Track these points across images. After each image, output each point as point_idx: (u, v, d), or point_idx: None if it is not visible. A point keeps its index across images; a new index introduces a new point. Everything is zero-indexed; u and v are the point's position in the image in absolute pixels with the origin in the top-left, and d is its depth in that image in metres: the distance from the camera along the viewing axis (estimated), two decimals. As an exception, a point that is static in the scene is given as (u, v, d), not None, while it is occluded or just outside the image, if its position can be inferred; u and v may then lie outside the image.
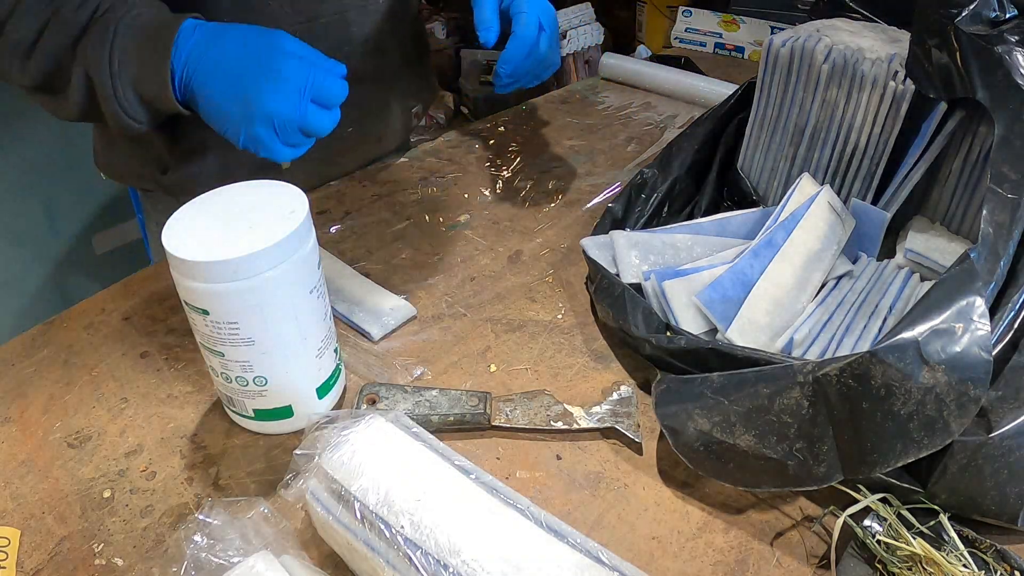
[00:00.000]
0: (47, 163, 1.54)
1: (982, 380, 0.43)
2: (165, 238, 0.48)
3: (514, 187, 0.87)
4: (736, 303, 0.59)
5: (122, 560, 0.48)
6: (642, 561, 0.48)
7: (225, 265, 0.46)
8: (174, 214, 0.50)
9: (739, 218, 0.70)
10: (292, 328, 0.51)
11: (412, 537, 0.40)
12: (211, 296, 0.47)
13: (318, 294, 0.53)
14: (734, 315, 0.59)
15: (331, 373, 0.56)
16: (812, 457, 0.46)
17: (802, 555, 0.48)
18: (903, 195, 0.65)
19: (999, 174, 0.53)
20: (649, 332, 0.58)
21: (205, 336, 0.50)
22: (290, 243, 0.48)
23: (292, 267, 0.49)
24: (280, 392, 0.53)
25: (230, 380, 0.52)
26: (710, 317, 0.59)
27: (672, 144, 0.78)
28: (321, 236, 0.78)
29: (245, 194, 0.52)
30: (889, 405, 0.44)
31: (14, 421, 0.58)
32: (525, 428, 0.56)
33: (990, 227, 0.51)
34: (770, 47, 0.70)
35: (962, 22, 0.60)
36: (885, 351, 0.44)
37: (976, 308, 0.45)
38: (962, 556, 0.45)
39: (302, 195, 0.52)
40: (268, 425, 0.55)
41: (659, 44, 2.08)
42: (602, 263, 0.65)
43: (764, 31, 1.27)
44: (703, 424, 0.50)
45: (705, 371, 0.53)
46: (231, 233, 0.48)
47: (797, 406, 0.47)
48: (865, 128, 0.66)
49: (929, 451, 0.44)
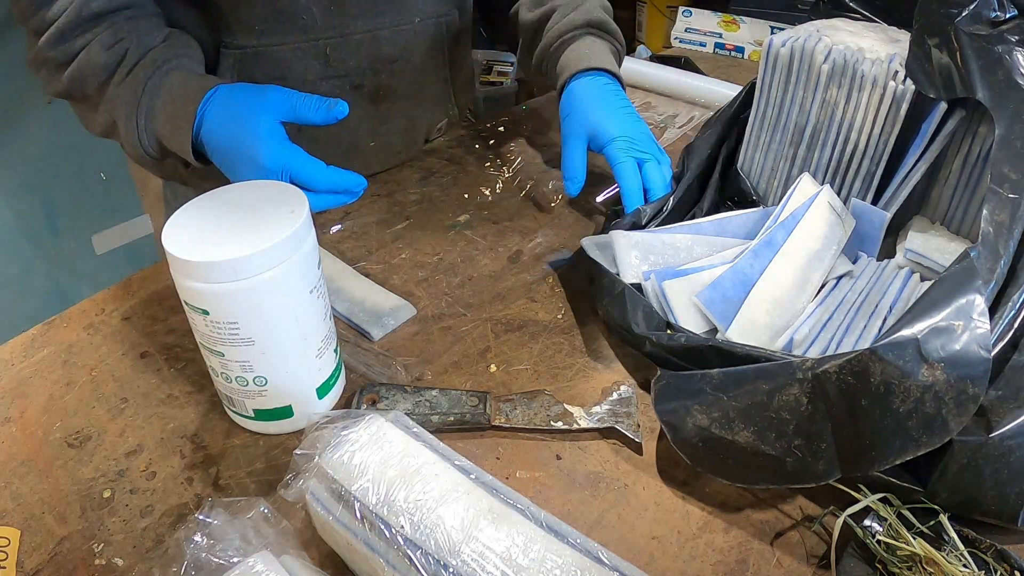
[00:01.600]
0: (47, 163, 1.54)
1: (981, 378, 0.43)
2: (165, 238, 0.48)
3: (514, 187, 0.87)
4: (736, 303, 0.59)
5: (122, 560, 0.48)
6: (642, 561, 0.48)
7: (225, 265, 0.46)
8: (174, 214, 0.50)
9: (739, 218, 0.70)
10: (292, 328, 0.51)
11: (412, 537, 0.40)
12: (211, 296, 0.47)
13: (318, 294, 0.53)
14: (734, 315, 0.59)
15: (331, 373, 0.56)
16: (811, 454, 0.47)
17: (802, 555, 0.48)
18: (903, 195, 0.65)
19: (999, 174, 0.53)
20: (649, 330, 0.58)
21: (205, 336, 0.50)
22: (290, 243, 0.48)
23: (292, 267, 0.49)
24: (280, 392, 0.53)
25: (230, 380, 0.52)
26: (710, 317, 0.59)
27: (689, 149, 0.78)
28: (321, 236, 0.78)
29: (245, 194, 0.52)
30: (888, 403, 0.44)
31: (14, 421, 0.58)
32: (525, 428, 0.56)
33: (990, 226, 0.51)
34: (770, 47, 0.70)
35: (962, 22, 0.60)
36: (884, 348, 0.44)
37: (976, 306, 0.45)
38: (962, 556, 0.45)
39: (302, 195, 0.52)
40: (268, 425, 0.55)
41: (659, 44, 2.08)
42: (602, 263, 0.65)
43: (764, 31, 1.27)
44: (702, 420, 0.50)
45: (705, 369, 0.53)
46: (231, 233, 0.48)
47: (796, 403, 0.47)
48: (865, 128, 0.66)
49: (927, 449, 0.44)
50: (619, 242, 0.66)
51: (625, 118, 0.78)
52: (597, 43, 0.85)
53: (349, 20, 0.77)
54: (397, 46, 0.82)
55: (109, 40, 0.65)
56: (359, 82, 0.82)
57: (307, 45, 0.77)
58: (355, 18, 0.78)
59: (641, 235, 0.67)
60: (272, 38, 0.76)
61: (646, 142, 0.77)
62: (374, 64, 0.82)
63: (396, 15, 0.80)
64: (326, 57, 0.78)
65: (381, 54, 0.81)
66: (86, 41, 0.65)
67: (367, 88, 0.83)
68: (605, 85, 0.81)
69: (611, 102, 0.79)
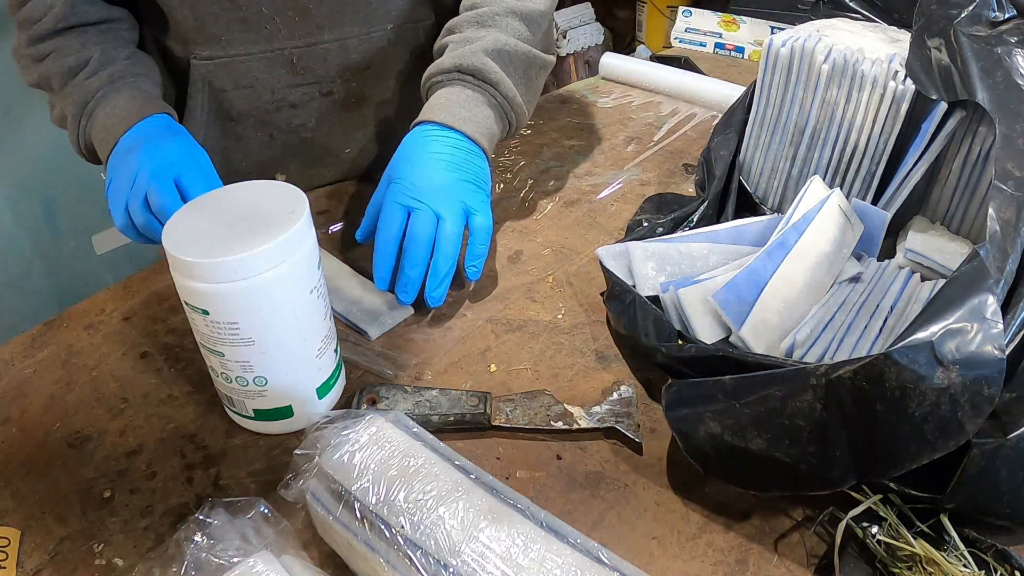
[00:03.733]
0: (47, 163, 1.54)
1: (996, 379, 0.42)
2: (165, 239, 0.48)
3: (514, 187, 0.87)
4: (750, 304, 0.59)
5: (122, 560, 0.48)
6: (642, 561, 0.48)
7: (225, 265, 0.46)
8: (175, 213, 0.50)
9: (755, 225, 0.69)
10: (292, 328, 0.51)
11: (412, 537, 0.40)
12: (211, 296, 0.47)
13: (318, 294, 0.52)
14: (748, 315, 0.59)
15: (331, 373, 0.56)
16: (825, 461, 0.46)
17: (802, 555, 0.48)
18: (903, 195, 0.65)
19: (1003, 171, 0.52)
20: (660, 341, 0.58)
21: (205, 336, 0.50)
22: (290, 243, 0.48)
23: (292, 267, 0.49)
24: (280, 392, 0.53)
25: (230, 380, 0.52)
26: (724, 317, 0.59)
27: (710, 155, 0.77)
28: (321, 236, 0.78)
29: (245, 194, 0.52)
30: (903, 407, 0.43)
31: (14, 421, 0.58)
32: (525, 428, 0.56)
33: (997, 224, 0.50)
34: (770, 47, 0.70)
35: (961, 23, 0.60)
36: (899, 352, 0.43)
37: (988, 306, 0.44)
38: (963, 556, 0.45)
39: (302, 195, 0.52)
40: (268, 425, 0.55)
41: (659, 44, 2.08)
42: (618, 274, 0.64)
43: (764, 31, 1.27)
44: (714, 428, 0.49)
45: (717, 378, 0.53)
46: (231, 233, 0.48)
47: (810, 409, 0.46)
48: (865, 128, 0.66)
49: (943, 452, 0.43)
50: (635, 253, 0.66)
51: (424, 165, 0.66)
52: (461, 93, 0.71)
53: (315, 29, 0.76)
54: (367, 53, 0.80)
55: (77, 47, 0.71)
56: (329, 89, 0.81)
57: (273, 54, 0.76)
58: (321, 27, 0.76)
59: (657, 245, 0.66)
60: (238, 48, 0.75)
61: (433, 193, 0.65)
62: (344, 72, 0.80)
63: (365, 24, 0.78)
64: (292, 65, 0.78)
65: (350, 62, 0.80)
66: (57, 46, 0.72)
67: (338, 95, 0.82)
68: (430, 133, 0.69)
69: (422, 149, 0.68)
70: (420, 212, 0.64)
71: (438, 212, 0.64)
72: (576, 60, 2.21)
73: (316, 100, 0.81)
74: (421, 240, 0.63)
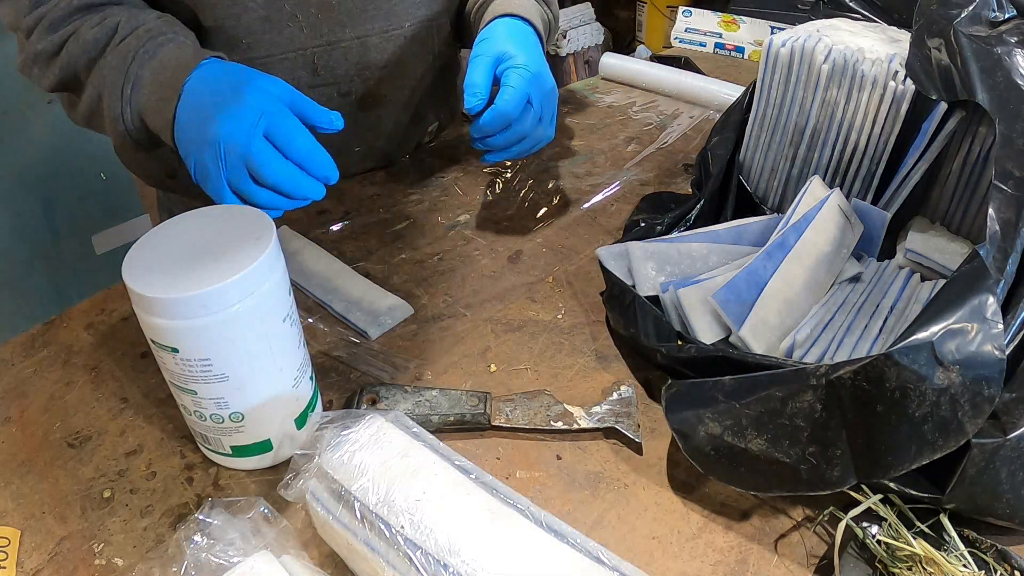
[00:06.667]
0: (47, 163, 1.54)
1: (996, 379, 0.43)
2: (126, 273, 0.45)
3: (514, 187, 0.87)
4: (750, 304, 0.59)
5: (122, 560, 0.48)
6: (642, 561, 0.48)
7: (194, 299, 0.43)
8: (134, 245, 0.47)
9: (755, 225, 0.69)
10: (267, 359, 0.48)
11: (412, 537, 0.40)
12: (180, 333, 0.44)
13: (291, 322, 0.50)
14: (747, 316, 0.59)
15: (308, 402, 0.53)
16: (825, 461, 0.46)
17: (802, 555, 0.48)
18: (903, 195, 0.65)
19: (1003, 171, 0.53)
20: (660, 342, 0.58)
21: (175, 375, 0.47)
22: (261, 271, 0.45)
23: (264, 296, 0.46)
24: (258, 426, 0.50)
25: (204, 418, 0.49)
26: (724, 317, 0.59)
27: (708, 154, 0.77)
28: (321, 235, 0.78)
29: (208, 221, 0.49)
30: (904, 407, 0.43)
31: (14, 421, 0.58)
32: (525, 428, 0.56)
33: (997, 224, 0.50)
34: (770, 47, 0.70)
35: (961, 23, 0.60)
36: (900, 353, 0.43)
37: (989, 306, 0.44)
38: (962, 556, 0.45)
39: (268, 219, 0.48)
40: (247, 461, 0.53)
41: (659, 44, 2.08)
42: (617, 274, 0.64)
43: (764, 31, 1.27)
44: (714, 428, 0.49)
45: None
46: (197, 264, 0.45)
47: (810, 409, 0.46)
48: (865, 128, 0.66)
49: (943, 452, 0.43)
50: (635, 254, 0.66)
51: (538, 57, 0.74)
52: (526, 1, 0.80)
53: (337, 27, 0.77)
54: (386, 52, 0.82)
55: (97, 20, 0.64)
56: (347, 89, 0.82)
57: (295, 55, 0.77)
58: (343, 25, 0.77)
59: (657, 245, 0.67)
60: (259, 51, 0.75)
61: (542, 82, 0.72)
62: (362, 71, 0.81)
63: (385, 21, 0.80)
64: (313, 66, 0.78)
65: (370, 60, 0.81)
66: (76, 26, 0.64)
67: (355, 95, 0.83)
68: (524, 28, 0.77)
69: (528, 41, 0.75)
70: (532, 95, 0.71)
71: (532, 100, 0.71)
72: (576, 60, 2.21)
73: (334, 101, 0.82)
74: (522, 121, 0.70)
